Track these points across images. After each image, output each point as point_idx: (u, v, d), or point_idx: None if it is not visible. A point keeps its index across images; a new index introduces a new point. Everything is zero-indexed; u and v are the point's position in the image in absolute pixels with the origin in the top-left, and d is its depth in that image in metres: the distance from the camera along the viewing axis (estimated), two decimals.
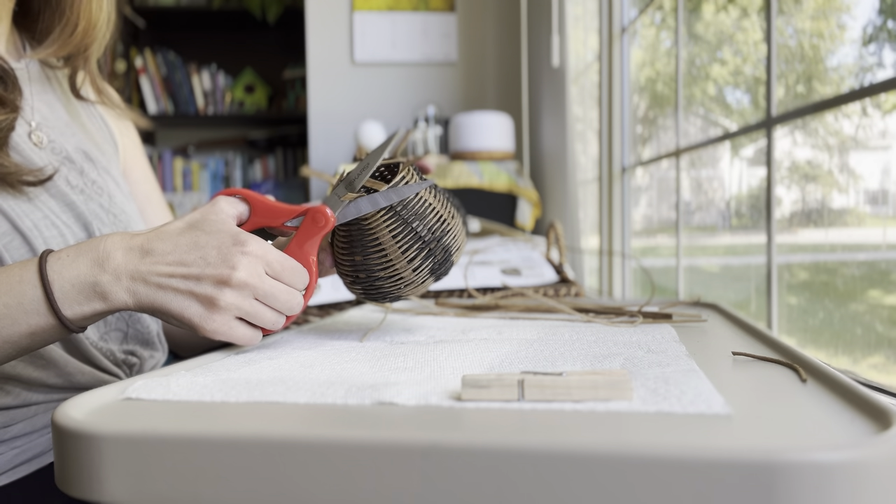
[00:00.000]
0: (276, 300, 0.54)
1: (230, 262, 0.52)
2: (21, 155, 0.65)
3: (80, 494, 0.35)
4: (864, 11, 1.07)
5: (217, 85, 3.21)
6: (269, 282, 0.54)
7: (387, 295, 0.62)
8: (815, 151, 1.23)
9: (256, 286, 0.53)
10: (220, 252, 0.52)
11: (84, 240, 0.67)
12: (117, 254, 0.53)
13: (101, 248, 0.53)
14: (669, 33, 1.77)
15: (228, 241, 0.53)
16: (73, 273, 0.52)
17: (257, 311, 0.54)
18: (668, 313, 0.67)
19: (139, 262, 0.53)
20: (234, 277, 0.52)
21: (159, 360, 0.78)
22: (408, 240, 0.60)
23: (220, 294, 0.52)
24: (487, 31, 2.70)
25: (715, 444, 0.29)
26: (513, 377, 0.38)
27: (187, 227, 0.54)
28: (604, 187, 1.94)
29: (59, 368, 0.65)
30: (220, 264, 0.52)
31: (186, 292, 0.52)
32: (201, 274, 0.52)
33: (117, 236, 0.54)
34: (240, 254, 0.52)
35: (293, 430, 0.34)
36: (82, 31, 0.72)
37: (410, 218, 0.60)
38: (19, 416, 0.64)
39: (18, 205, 0.62)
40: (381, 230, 0.59)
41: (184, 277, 0.52)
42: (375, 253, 0.60)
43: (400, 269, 0.60)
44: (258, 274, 0.53)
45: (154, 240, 0.53)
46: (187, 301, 0.52)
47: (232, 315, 0.53)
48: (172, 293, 0.52)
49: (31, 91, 0.71)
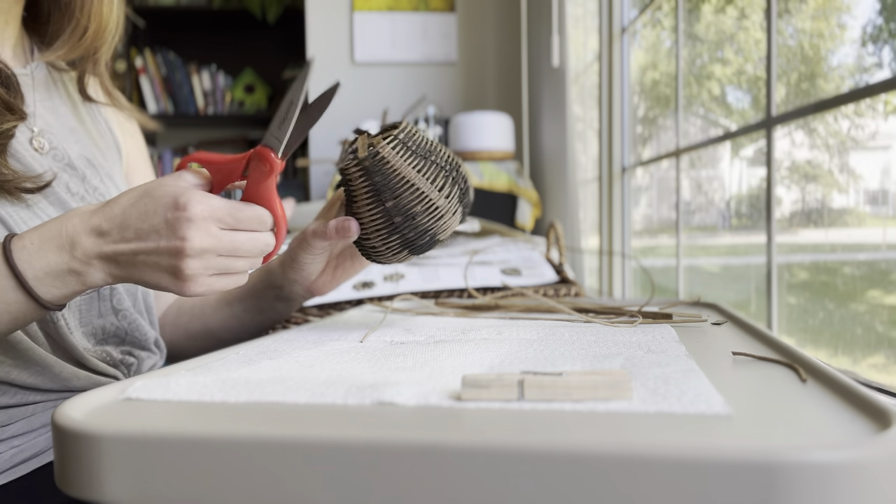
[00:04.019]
0: (240, 251, 0.54)
1: (178, 231, 0.51)
2: (20, 162, 0.65)
3: (79, 494, 0.35)
4: (864, 11, 1.07)
5: (217, 85, 3.21)
6: (228, 236, 0.53)
7: (427, 232, 0.62)
8: (815, 151, 1.23)
9: (215, 246, 0.53)
10: (166, 222, 0.52)
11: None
12: (81, 237, 0.53)
13: (65, 233, 0.53)
14: (670, 33, 1.77)
15: (171, 205, 0.52)
16: (44, 262, 0.52)
17: (227, 264, 0.54)
18: (668, 313, 0.67)
19: (102, 244, 0.53)
20: (187, 248, 0.51)
21: (157, 363, 0.78)
22: (432, 170, 0.62)
23: (182, 264, 0.52)
24: (487, 31, 2.70)
25: (715, 444, 0.29)
26: (513, 377, 0.38)
27: (140, 194, 0.53)
28: (604, 187, 1.94)
29: (54, 373, 0.65)
30: (170, 235, 0.52)
31: (154, 266, 0.52)
32: (157, 248, 0.52)
33: (76, 217, 0.54)
34: (185, 220, 0.51)
35: (293, 430, 0.34)
36: (92, 33, 0.72)
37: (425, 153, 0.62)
38: (17, 415, 0.64)
39: (17, 212, 0.62)
40: (405, 168, 0.61)
41: (146, 252, 0.52)
42: (406, 190, 0.61)
43: (434, 199, 0.61)
44: (212, 234, 0.52)
45: (109, 217, 0.53)
46: (158, 274, 0.53)
47: (205, 276, 0.53)
48: (143, 269, 0.53)
49: (35, 97, 0.71)
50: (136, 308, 0.75)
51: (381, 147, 0.61)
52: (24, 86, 0.69)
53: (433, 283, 1.11)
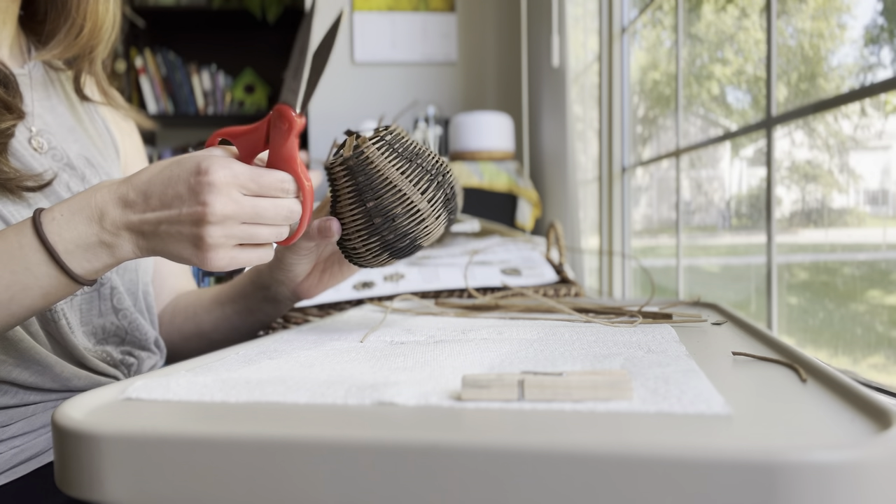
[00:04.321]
0: (265, 217, 0.53)
1: (200, 197, 0.51)
2: (20, 161, 0.65)
3: (79, 494, 0.35)
4: (864, 11, 1.07)
5: (217, 85, 3.21)
6: (250, 202, 0.52)
7: (407, 235, 0.61)
8: (815, 151, 1.23)
9: (237, 212, 0.52)
10: (188, 186, 0.51)
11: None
12: (109, 207, 0.53)
13: (94, 204, 0.53)
14: (670, 33, 1.77)
15: (194, 170, 0.51)
16: (74, 234, 0.52)
17: (251, 233, 0.53)
18: (668, 313, 0.67)
19: (130, 213, 0.52)
20: (208, 213, 0.51)
21: (157, 363, 0.78)
22: (416, 173, 0.61)
23: (204, 232, 0.51)
24: (487, 31, 2.70)
25: (715, 444, 0.29)
26: (513, 377, 0.38)
27: (167, 163, 0.53)
28: (604, 187, 1.94)
29: (55, 373, 0.65)
30: (192, 200, 0.51)
31: (177, 235, 0.52)
32: (180, 215, 0.51)
33: (104, 189, 0.53)
34: (206, 185, 0.50)
35: (293, 430, 0.34)
36: (88, 32, 0.72)
37: (411, 156, 0.61)
38: (17, 416, 0.64)
39: (18, 210, 0.62)
40: (388, 169, 0.60)
41: (169, 222, 0.52)
42: (388, 191, 0.60)
43: (416, 201, 0.60)
44: (234, 199, 0.51)
45: (136, 185, 0.53)
46: (181, 244, 0.52)
47: (227, 247, 0.52)
48: (167, 239, 0.52)
49: (33, 97, 0.71)
50: (137, 307, 0.75)
51: (366, 147, 0.61)
52: (22, 85, 0.69)
53: (433, 283, 1.11)
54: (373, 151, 0.60)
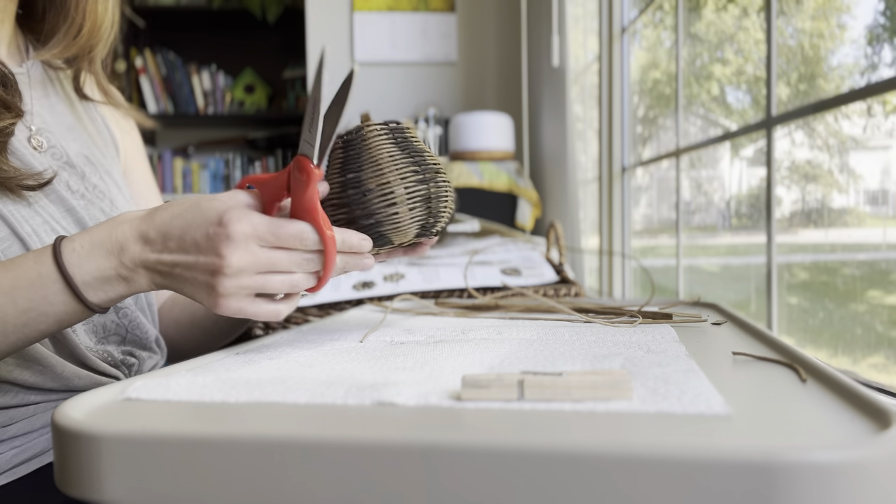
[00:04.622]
0: (279, 267, 0.53)
1: (217, 248, 0.51)
2: (20, 160, 0.65)
3: (79, 494, 0.35)
4: (865, 11, 1.07)
5: (217, 85, 3.21)
6: (266, 254, 0.52)
7: (373, 214, 0.60)
8: (815, 151, 1.23)
9: (251, 265, 0.51)
10: (207, 237, 0.51)
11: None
12: (129, 243, 0.53)
13: (114, 239, 0.54)
14: (670, 33, 1.77)
15: (214, 220, 0.51)
16: (93, 266, 0.53)
17: (263, 283, 0.52)
18: (668, 313, 0.67)
19: (148, 251, 0.53)
20: (224, 266, 0.50)
21: (158, 363, 0.78)
22: (404, 163, 0.61)
23: (217, 282, 0.51)
24: (487, 31, 2.70)
25: (715, 444, 0.29)
26: (513, 377, 0.38)
27: (189, 205, 0.53)
28: (604, 187, 1.95)
29: (56, 373, 0.65)
30: (209, 251, 0.51)
31: (191, 279, 0.53)
32: (196, 262, 0.52)
33: (126, 223, 0.54)
34: (225, 238, 0.50)
35: (293, 430, 0.34)
36: (87, 31, 0.72)
37: (408, 150, 0.62)
38: (18, 416, 0.64)
39: (18, 210, 0.62)
40: (379, 151, 0.60)
41: (184, 266, 0.52)
42: (369, 168, 0.60)
43: (392, 183, 0.60)
44: (251, 252, 0.51)
45: (155, 224, 0.53)
46: (194, 287, 0.53)
47: (240, 296, 0.52)
48: (181, 280, 0.53)
49: (32, 95, 0.71)
50: (138, 305, 0.75)
51: (367, 128, 0.61)
52: (20, 84, 0.69)
53: (433, 283, 1.11)
54: (372, 133, 0.61)
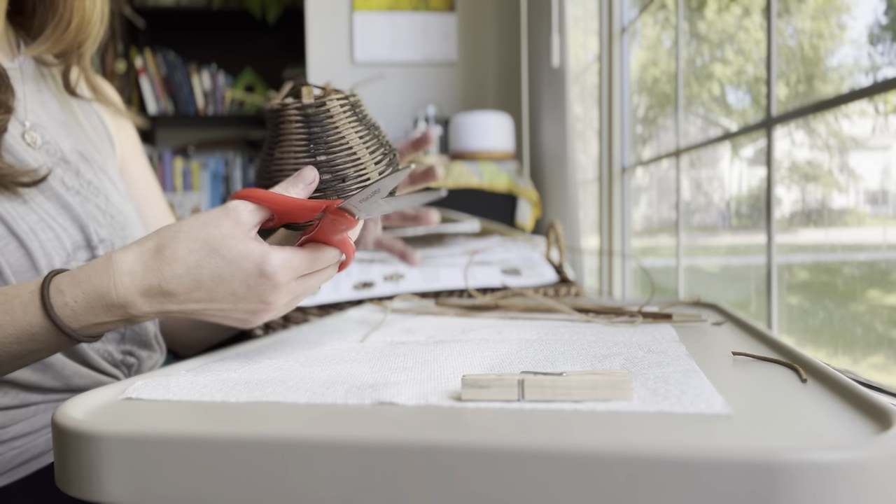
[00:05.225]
0: (313, 289, 0.55)
1: (262, 297, 0.51)
2: (14, 156, 0.65)
3: (80, 494, 0.35)
4: (865, 11, 1.07)
5: (217, 85, 3.21)
6: (303, 284, 0.54)
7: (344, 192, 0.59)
8: (815, 151, 1.23)
9: (292, 298, 0.54)
10: (248, 288, 0.51)
11: (80, 243, 0.66)
12: (136, 300, 0.51)
13: (115, 296, 0.51)
14: (670, 33, 1.77)
15: (254, 273, 0.50)
16: (92, 320, 0.52)
17: (297, 301, 0.55)
18: (668, 313, 0.67)
19: (165, 303, 0.51)
20: (269, 308, 0.52)
21: (158, 361, 0.78)
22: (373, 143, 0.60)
23: (256, 318, 0.53)
24: (487, 31, 2.70)
25: (715, 444, 0.29)
26: (513, 377, 0.38)
27: (205, 253, 0.50)
28: (604, 187, 1.95)
29: (57, 371, 0.64)
30: (253, 299, 0.51)
31: (223, 318, 0.53)
32: (235, 308, 0.52)
33: (126, 277, 0.51)
34: (271, 287, 0.51)
35: (293, 430, 0.34)
36: (76, 27, 0.72)
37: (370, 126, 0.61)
38: (18, 417, 0.64)
39: (14, 207, 0.62)
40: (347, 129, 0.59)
41: (218, 311, 0.52)
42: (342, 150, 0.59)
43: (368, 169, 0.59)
44: (291, 290, 0.53)
45: (170, 278, 0.50)
46: (225, 321, 0.53)
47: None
48: (209, 317, 0.53)
49: (25, 91, 0.71)
50: None
51: (330, 100, 0.59)
52: (13, 79, 0.69)
53: (433, 283, 1.11)
54: (335, 107, 0.59)
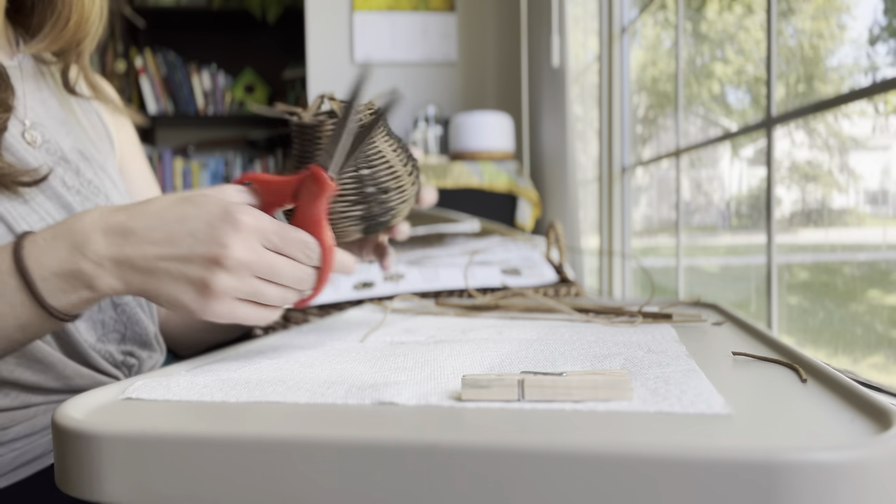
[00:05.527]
0: (279, 276, 0.49)
1: (221, 239, 0.47)
2: (15, 155, 0.64)
3: (80, 494, 0.35)
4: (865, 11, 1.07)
5: (217, 85, 3.21)
6: (269, 256, 0.49)
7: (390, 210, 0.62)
8: (814, 151, 1.23)
9: (253, 263, 0.48)
10: (209, 226, 0.48)
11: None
12: (96, 236, 0.49)
13: (79, 230, 0.49)
14: (670, 33, 1.77)
15: (218, 213, 0.48)
16: (53, 261, 0.49)
17: (259, 289, 0.49)
18: (668, 313, 0.67)
19: (123, 245, 0.48)
20: (226, 257, 0.47)
21: (158, 361, 0.78)
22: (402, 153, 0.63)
23: (214, 277, 0.47)
24: (487, 31, 2.70)
25: (715, 444, 0.29)
26: (513, 377, 0.38)
27: (178, 199, 0.49)
28: (604, 187, 1.94)
29: (58, 371, 0.64)
30: (210, 241, 0.47)
31: (178, 275, 0.48)
32: (190, 254, 0.48)
33: (95, 214, 0.49)
34: (231, 229, 0.47)
35: (293, 430, 0.34)
36: (74, 24, 0.72)
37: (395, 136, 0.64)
38: (18, 418, 0.63)
39: (15, 208, 0.62)
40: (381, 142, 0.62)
41: (173, 259, 0.48)
42: (382, 164, 0.61)
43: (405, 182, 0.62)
44: (254, 249, 0.48)
45: (137, 216, 0.49)
46: (180, 286, 0.48)
47: (230, 297, 0.49)
48: (164, 277, 0.48)
49: (25, 89, 0.70)
50: (137, 301, 0.75)
51: (364, 115, 0.60)
52: (12, 78, 0.69)
53: (433, 283, 1.11)
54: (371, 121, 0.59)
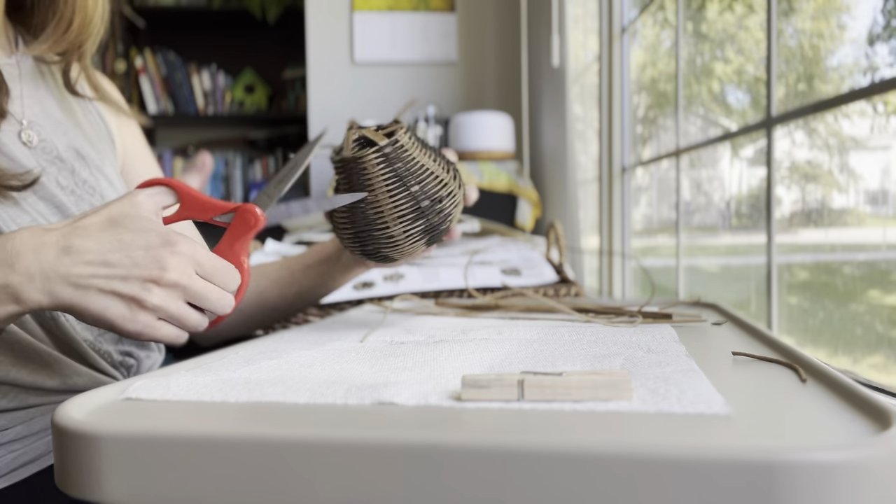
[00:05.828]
0: (206, 301, 0.53)
1: (160, 262, 0.50)
2: (9, 157, 0.64)
3: (79, 495, 0.35)
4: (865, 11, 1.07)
5: (217, 85, 3.20)
6: (200, 283, 0.52)
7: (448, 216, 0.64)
8: (814, 151, 1.23)
9: (187, 287, 0.51)
10: (148, 252, 0.51)
11: None
12: (28, 253, 0.50)
13: (10, 247, 0.50)
14: (670, 33, 1.77)
15: (157, 241, 0.51)
16: None
17: (183, 313, 0.52)
18: (668, 313, 0.67)
19: (56, 262, 0.50)
20: (164, 278, 0.50)
21: (156, 361, 0.78)
22: (440, 160, 0.65)
23: (148, 294, 0.50)
24: (487, 31, 2.70)
25: (715, 444, 0.29)
26: (513, 377, 0.38)
27: (107, 222, 0.52)
28: (604, 187, 1.94)
29: (56, 371, 0.64)
30: (150, 265, 0.50)
31: (109, 292, 0.50)
32: (128, 274, 0.50)
33: (27, 232, 0.51)
34: (169, 254, 0.51)
35: (293, 430, 0.34)
36: (77, 27, 0.71)
37: (427, 146, 0.65)
38: (17, 419, 0.63)
39: (5, 209, 0.61)
40: (421, 156, 0.63)
41: (107, 278, 0.50)
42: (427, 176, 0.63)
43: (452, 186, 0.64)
44: (188, 274, 0.52)
45: (72, 236, 0.51)
46: (109, 301, 0.50)
47: (156, 316, 0.52)
48: (94, 293, 0.50)
49: (22, 88, 0.70)
50: None
51: (400, 135, 0.63)
52: (9, 76, 0.68)
53: (433, 283, 1.11)
54: (405, 139, 0.63)
